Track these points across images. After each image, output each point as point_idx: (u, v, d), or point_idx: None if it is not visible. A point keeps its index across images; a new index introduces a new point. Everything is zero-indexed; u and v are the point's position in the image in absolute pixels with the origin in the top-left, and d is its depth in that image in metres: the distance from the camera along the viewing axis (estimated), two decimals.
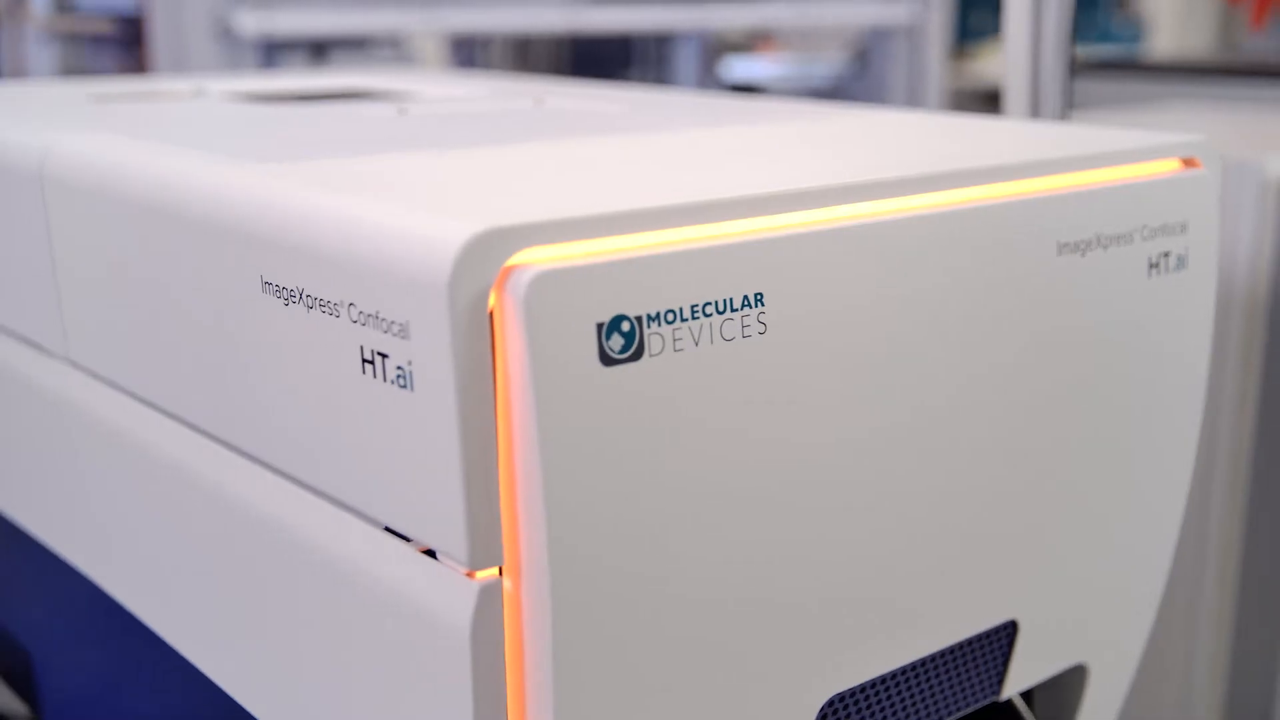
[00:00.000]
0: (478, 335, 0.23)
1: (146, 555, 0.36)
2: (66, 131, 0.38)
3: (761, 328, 0.26)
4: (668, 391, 0.25)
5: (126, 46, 1.30)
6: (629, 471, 0.25)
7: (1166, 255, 0.35)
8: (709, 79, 1.82)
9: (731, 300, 0.26)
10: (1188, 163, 0.36)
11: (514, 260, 0.24)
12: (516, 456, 0.24)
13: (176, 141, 0.36)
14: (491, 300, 0.23)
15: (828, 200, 0.28)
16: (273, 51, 1.11)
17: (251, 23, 1.04)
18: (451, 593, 0.25)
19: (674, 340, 0.25)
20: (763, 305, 0.26)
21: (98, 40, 1.37)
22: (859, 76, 1.74)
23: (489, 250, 0.23)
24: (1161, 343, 0.35)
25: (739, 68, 2.00)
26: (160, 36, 1.05)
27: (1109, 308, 0.33)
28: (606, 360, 0.24)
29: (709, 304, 0.25)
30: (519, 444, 0.24)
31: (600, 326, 0.24)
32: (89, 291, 0.36)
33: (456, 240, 0.23)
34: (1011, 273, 0.31)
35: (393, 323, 0.24)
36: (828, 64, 1.94)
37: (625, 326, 0.24)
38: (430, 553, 0.26)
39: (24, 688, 0.49)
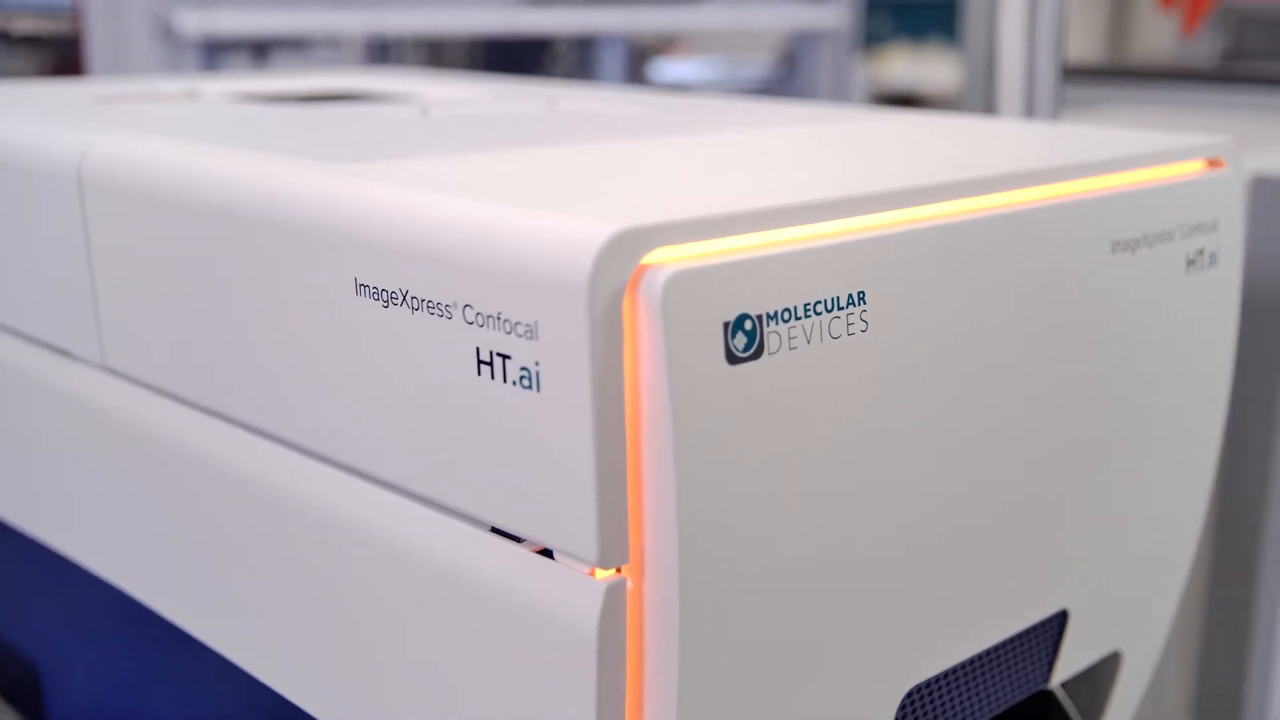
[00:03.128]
0: (612, 335, 0.23)
1: (205, 566, 0.35)
2: (98, 133, 0.37)
3: (864, 325, 0.27)
4: (782, 389, 0.25)
5: (54, 47, 1.26)
6: (748, 469, 0.25)
7: (1201, 252, 0.36)
8: (636, 80, 1.83)
9: (838, 299, 0.26)
10: (1212, 163, 0.37)
11: (646, 260, 0.24)
12: (646, 455, 0.24)
13: (226, 143, 0.35)
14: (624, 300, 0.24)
15: (925, 199, 0.28)
16: (214, 52, 1.09)
17: (193, 22, 1.02)
18: (576, 593, 0.25)
19: (789, 339, 0.25)
20: (865, 303, 0.27)
21: (16, 40, 1.33)
22: (786, 78, 1.76)
23: (626, 250, 0.23)
24: (1195, 337, 0.36)
25: (667, 69, 2.01)
26: (98, 36, 1.02)
27: (1153, 304, 0.34)
28: (732, 359, 0.24)
29: (819, 302, 0.26)
30: (649, 443, 0.24)
31: (726, 325, 0.24)
32: (137, 297, 0.35)
33: (596, 240, 0.23)
34: (1074, 270, 0.32)
35: (518, 323, 0.24)
36: (755, 66, 1.96)
37: (748, 325, 0.25)
38: (544, 553, 0.26)
39: (30, 705, 0.47)
